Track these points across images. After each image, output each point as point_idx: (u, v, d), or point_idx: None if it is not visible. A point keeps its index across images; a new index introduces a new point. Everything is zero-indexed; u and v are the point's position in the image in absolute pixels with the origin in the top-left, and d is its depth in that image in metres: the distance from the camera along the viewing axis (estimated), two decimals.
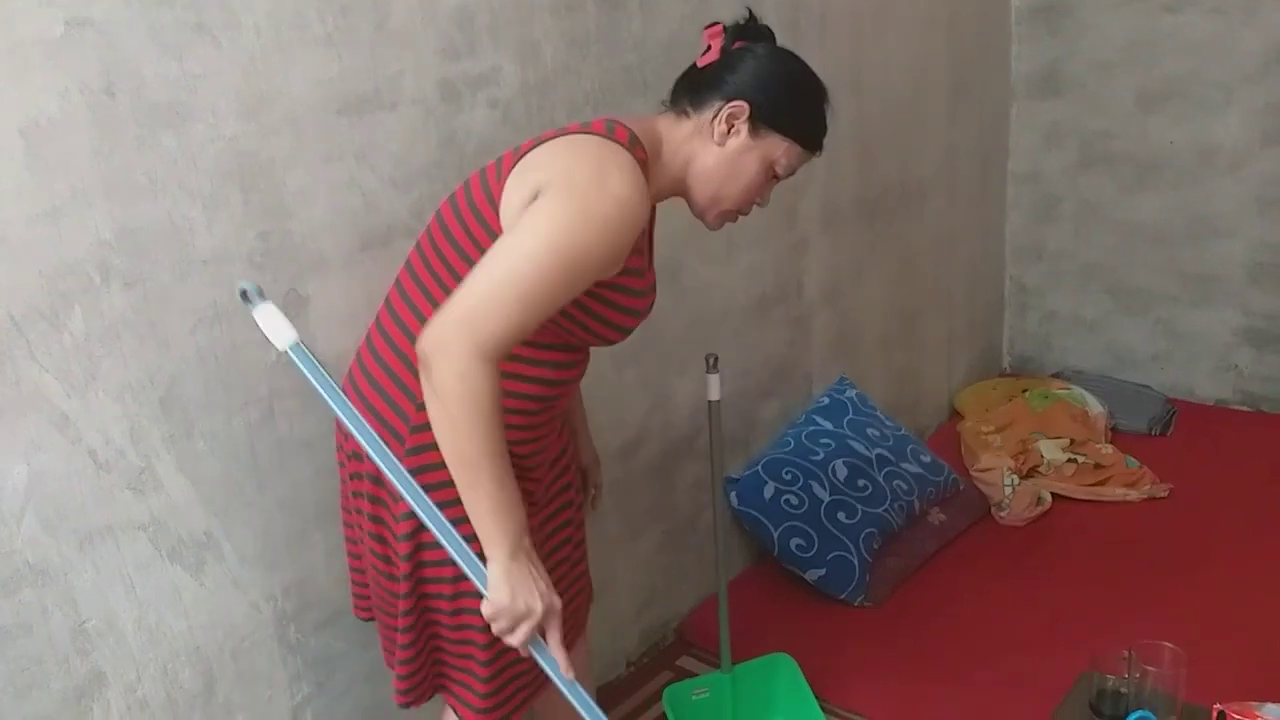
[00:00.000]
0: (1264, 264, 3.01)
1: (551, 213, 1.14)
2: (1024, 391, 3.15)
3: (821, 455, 2.47)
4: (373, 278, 1.54)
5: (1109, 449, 2.87)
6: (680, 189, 1.35)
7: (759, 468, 2.42)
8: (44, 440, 1.22)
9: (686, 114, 1.32)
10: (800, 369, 2.61)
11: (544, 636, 1.18)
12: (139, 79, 1.24)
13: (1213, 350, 3.17)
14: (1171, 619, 2.17)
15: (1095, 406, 3.05)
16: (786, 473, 2.41)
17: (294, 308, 1.45)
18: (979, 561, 2.49)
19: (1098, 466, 2.80)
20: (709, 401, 1.76)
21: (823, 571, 2.32)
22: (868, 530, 2.38)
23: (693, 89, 1.33)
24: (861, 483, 2.46)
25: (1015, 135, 3.35)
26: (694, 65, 1.35)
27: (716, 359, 1.75)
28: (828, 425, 2.55)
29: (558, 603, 1.18)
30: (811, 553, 2.33)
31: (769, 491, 2.37)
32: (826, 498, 2.40)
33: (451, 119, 1.61)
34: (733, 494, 2.39)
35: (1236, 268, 3.06)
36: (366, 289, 1.53)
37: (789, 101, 1.31)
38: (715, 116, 1.30)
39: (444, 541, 1.16)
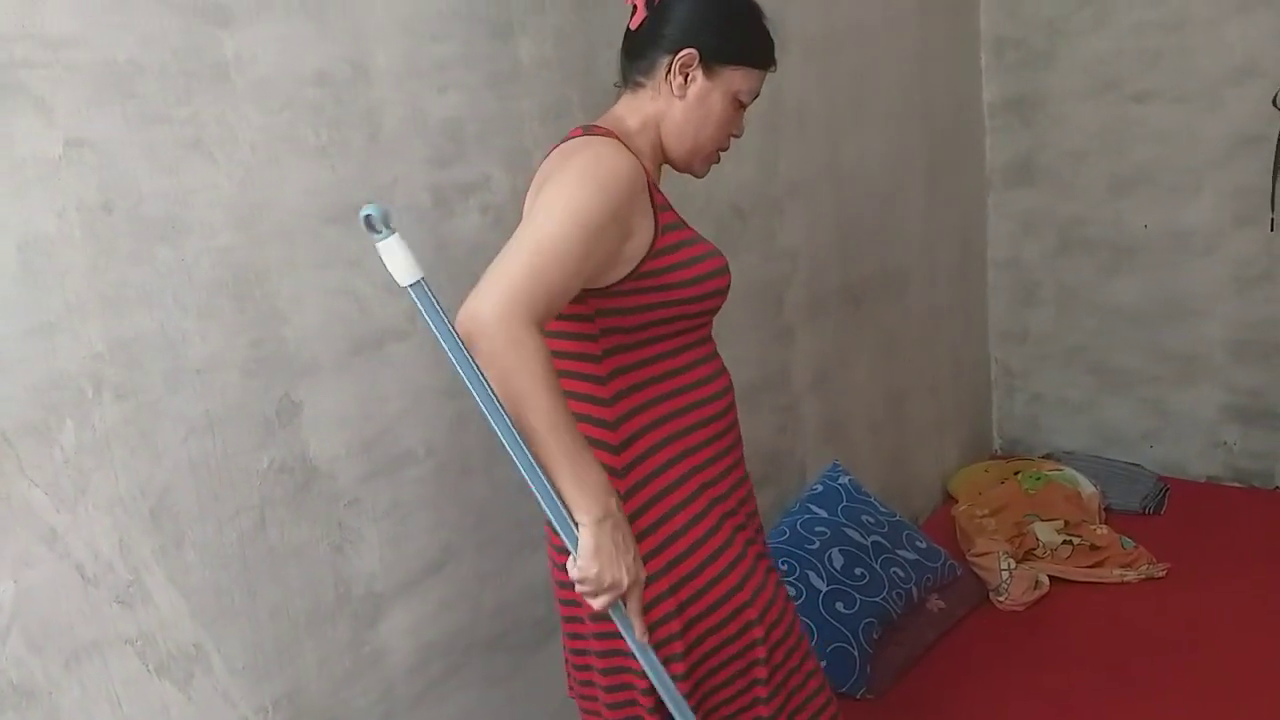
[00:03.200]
0: (1245, 341, 3.06)
1: (557, 189, 1.21)
2: (1016, 474, 3.15)
3: (817, 544, 2.45)
4: (364, 381, 1.55)
5: (1104, 530, 2.86)
6: (661, 154, 1.40)
7: None
8: (31, 556, 1.21)
9: (640, 84, 1.37)
10: (793, 456, 2.61)
11: (624, 602, 1.21)
12: (136, 195, 1.27)
13: (1201, 428, 3.20)
14: (1174, 703, 2.14)
15: (1087, 487, 3.05)
16: (783, 563, 2.39)
17: (286, 414, 1.45)
18: (980, 648, 2.46)
19: (1094, 548, 2.78)
20: None
21: (823, 664, 2.28)
22: (867, 620, 2.36)
23: (636, 55, 1.37)
24: (859, 571, 2.44)
25: (993, 223, 3.43)
26: (628, 30, 1.38)
27: None
28: (822, 513, 2.54)
29: (643, 574, 1.22)
30: (811, 645, 2.29)
31: None
32: (824, 588, 2.38)
33: (443, 224, 1.64)
34: None
35: (1217, 346, 3.10)
36: (358, 393, 1.54)
37: (731, 31, 1.35)
38: (668, 73, 1.34)
39: (539, 497, 1.16)
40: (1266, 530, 2.85)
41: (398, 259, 1.07)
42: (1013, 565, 2.68)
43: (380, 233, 1.06)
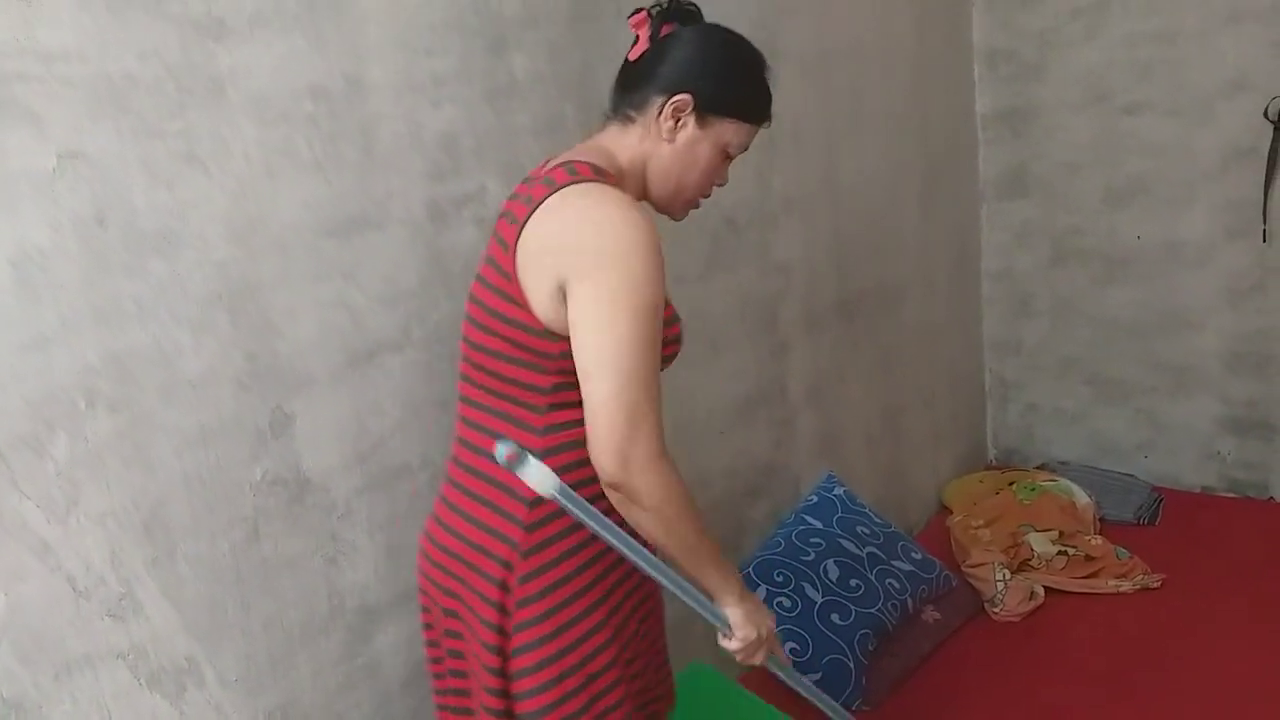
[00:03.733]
0: (1238, 353, 3.06)
1: (604, 288, 1.15)
2: (1011, 484, 3.15)
3: (812, 555, 2.45)
4: (359, 394, 1.55)
5: (1099, 540, 2.86)
6: (643, 193, 1.36)
7: (750, 570, 2.39)
8: (23, 569, 1.21)
9: (630, 118, 1.32)
10: (788, 469, 2.61)
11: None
12: (130, 209, 1.27)
13: (1195, 438, 3.20)
14: (1169, 713, 2.14)
15: (1082, 497, 3.05)
16: (778, 574, 2.39)
17: (280, 426, 1.45)
18: (975, 659, 2.46)
19: (1089, 558, 2.78)
20: None
21: (818, 676, 2.28)
22: (862, 631, 2.35)
23: (630, 88, 1.33)
24: (854, 583, 2.44)
25: (987, 234, 3.44)
26: (626, 60, 1.34)
27: None
28: (817, 524, 2.54)
29: (773, 621, 1.38)
30: (806, 657, 2.29)
31: (761, 594, 2.34)
32: (819, 599, 2.37)
33: (438, 238, 1.64)
34: None
35: (1211, 357, 3.11)
36: (353, 405, 1.54)
37: (730, 83, 1.31)
38: (660, 114, 1.30)
39: (690, 601, 1.29)
40: (1261, 540, 2.85)
41: (542, 480, 1.16)
42: (1008, 576, 2.68)
43: (525, 465, 1.16)
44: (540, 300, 1.20)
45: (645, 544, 1.26)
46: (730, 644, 1.35)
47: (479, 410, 1.30)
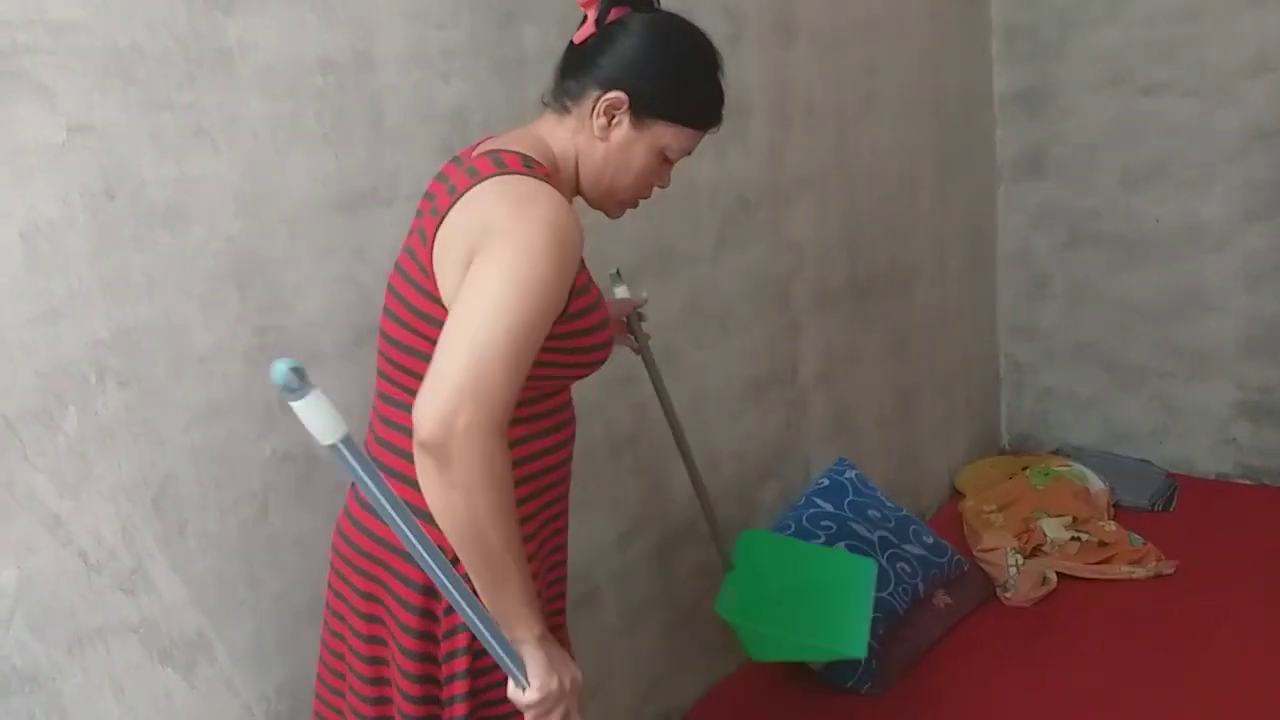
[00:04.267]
0: (1256, 338, 3.03)
1: (496, 264, 1.06)
2: (1024, 469, 3.14)
3: (823, 538, 2.44)
4: (368, 370, 1.53)
5: (1112, 526, 2.84)
6: (576, 187, 1.27)
7: None
8: (35, 542, 1.21)
9: (566, 109, 1.23)
10: (798, 451, 2.60)
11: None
12: (139, 182, 1.27)
13: (1211, 424, 3.17)
14: (1182, 700, 2.13)
15: (1096, 483, 3.03)
16: None
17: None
18: (986, 644, 2.45)
19: (1102, 544, 2.77)
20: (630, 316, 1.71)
21: (829, 660, 2.27)
22: (873, 615, 2.34)
23: (569, 74, 1.23)
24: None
25: (1003, 216, 3.41)
26: (570, 43, 1.24)
27: (619, 270, 1.77)
28: (828, 507, 2.53)
29: (580, 676, 1.17)
30: None
31: None
32: None
33: None
34: None
35: (1229, 342, 3.08)
36: (361, 382, 1.53)
37: (671, 84, 1.19)
38: (593, 109, 1.20)
39: (483, 632, 1.08)
40: (1276, 528, 2.83)
41: (319, 418, 0.90)
42: (1020, 561, 2.67)
43: (299, 393, 0.88)
44: (452, 290, 1.11)
45: (444, 548, 1.08)
46: (522, 696, 1.12)
47: (398, 409, 1.19)
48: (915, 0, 2.86)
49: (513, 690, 1.13)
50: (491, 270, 1.07)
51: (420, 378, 1.07)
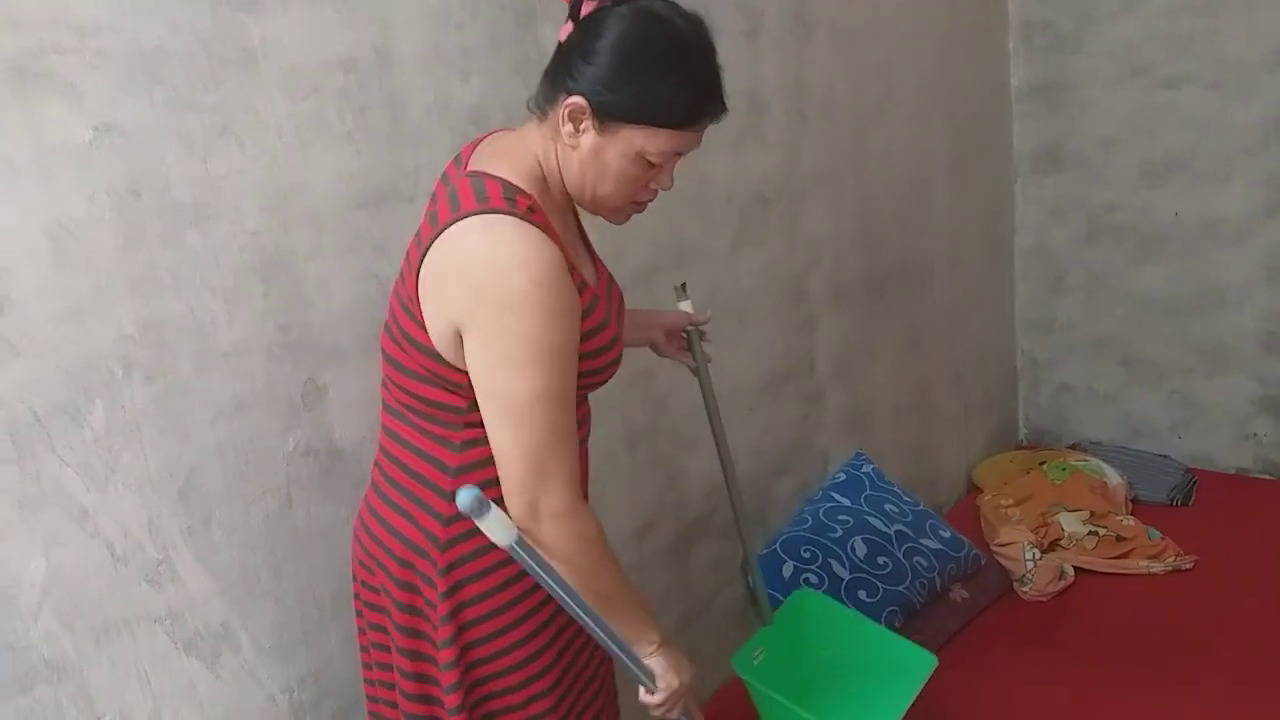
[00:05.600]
0: (1276, 332, 3.01)
1: (496, 344, 1.10)
2: (1042, 464, 3.13)
3: (840, 533, 2.45)
4: None
5: (1130, 521, 2.83)
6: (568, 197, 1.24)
7: (777, 546, 2.40)
8: (63, 534, 1.23)
9: (545, 114, 1.19)
10: (815, 445, 2.61)
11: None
12: (164, 180, 1.28)
13: (1230, 419, 3.16)
14: (1200, 696, 2.12)
15: (1114, 478, 3.02)
16: (805, 551, 2.39)
17: (313, 397, 1.47)
18: (1003, 638, 2.45)
19: (1119, 539, 2.76)
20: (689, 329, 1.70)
21: None
22: (890, 609, 2.35)
23: (546, 77, 1.19)
24: (882, 560, 2.43)
25: (1020, 210, 3.40)
26: (559, 42, 1.19)
27: (685, 285, 1.74)
28: (845, 501, 2.54)
29: (693, 675, 1.33)
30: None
31: (788, 570, 2.34)
32: (847, 576, 2.37)
33: None
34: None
35: (1249, 337, 3.06)
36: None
37: (629, 86, 1.11)
38: (561, 116, 1.15)
39: (614, 649, 1.24)
40: None
41: (499, 529, 1.09)
42: (1037, 555, 2.67)
43: (484, 515, 1.07)
44: (438, 335, 1.15)
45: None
46: (652, 697, 1.30)
47: (398, 420, 1.28)
48: None
49: (643, 694, 1.30)
50: (496, 359, 1.11)
51: (414, 396, 1.23)
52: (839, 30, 2.48)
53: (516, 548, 1.09)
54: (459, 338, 1.15)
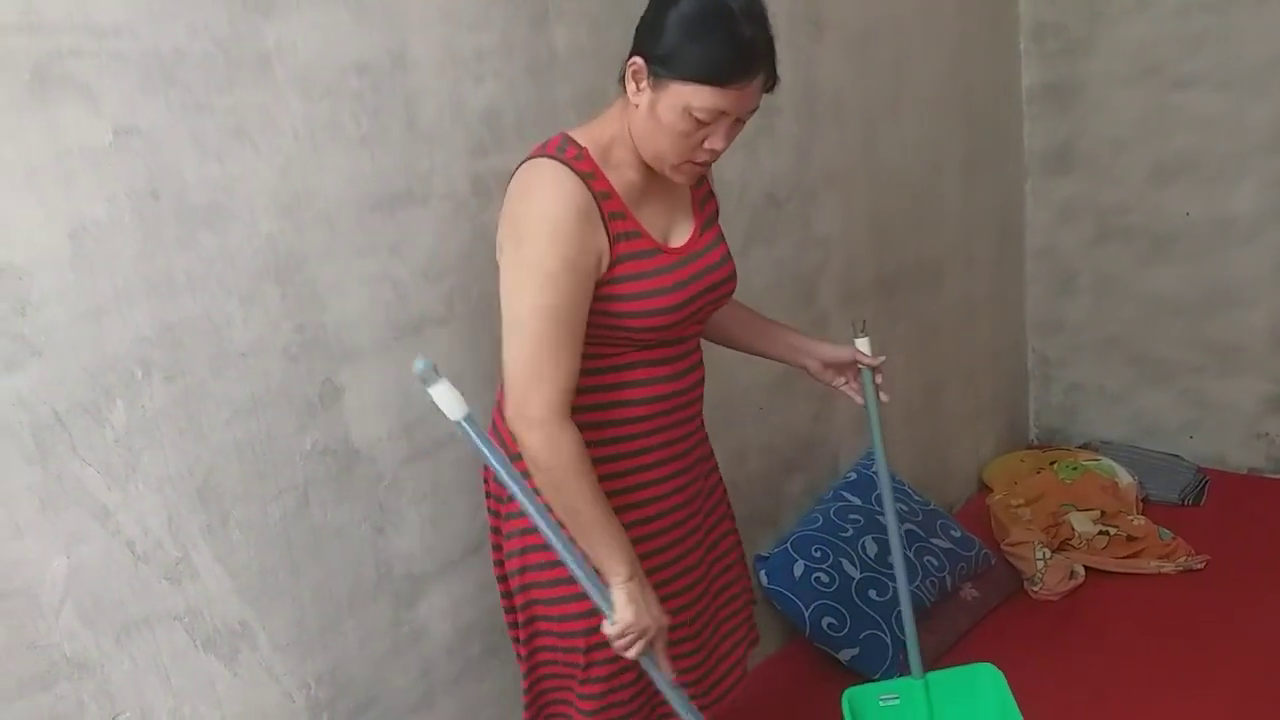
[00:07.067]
0: None
1: (511, 264, 1.29)
2: (1052, 463, 3.13)
3: (851, 531, 2.45)
4: (404, 366, 1.57)
5: (1141, 520, 2.83)
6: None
7: (788, 545, 2.40)
8: (84, 532, 1.25)
9: (623, 82, 1.33)
10: (826, 444, 2.61)
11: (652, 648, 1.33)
12: (181, 182, 1.30)
13: (1241, 419, 3.14)
14: (1210, 696, 2.12)
15: (1125, 477, 3.02)
16: (816, 550, 2.39)
17: (329, 397, 1.48)
18: (1013, 638, 2.45)
19: (1130, 539, 2.76)
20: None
21: (856, 651, 2.29)
22: (900, 608, 2.35)
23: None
24: (892, 559, 2.43)
25: (1031, 211, 3.39)
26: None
27: (865, 322, 1.78)
28: (856, 501, 2.54)
29: (666, 621, 1.33)
30: (844, 632, 2.30)
31: (799, 569, 2.35)
32: (857, 575, 2.38)
33: (482, 212, 1.65)
34: (762, 572, 2.37)
35: (1260, 336, 3.05)
36: (398, 377, 1.56)
37: (675, 42, 1.24)
38: (627, 77, 1.31)
39: (574, 568, 1.27)
40: None
41: (448, 401, 1.18)
42: (1048, 555, 2.67)
43: (430, 382, 1.17)
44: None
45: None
46: (609, 628, 1.29)
47: None
48: None
49: (605, 625, 1.30)
50: (508, 272, 1.29)
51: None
52: (850, 31, 2.48)
53: (464, 424, 1.18)
54: None
